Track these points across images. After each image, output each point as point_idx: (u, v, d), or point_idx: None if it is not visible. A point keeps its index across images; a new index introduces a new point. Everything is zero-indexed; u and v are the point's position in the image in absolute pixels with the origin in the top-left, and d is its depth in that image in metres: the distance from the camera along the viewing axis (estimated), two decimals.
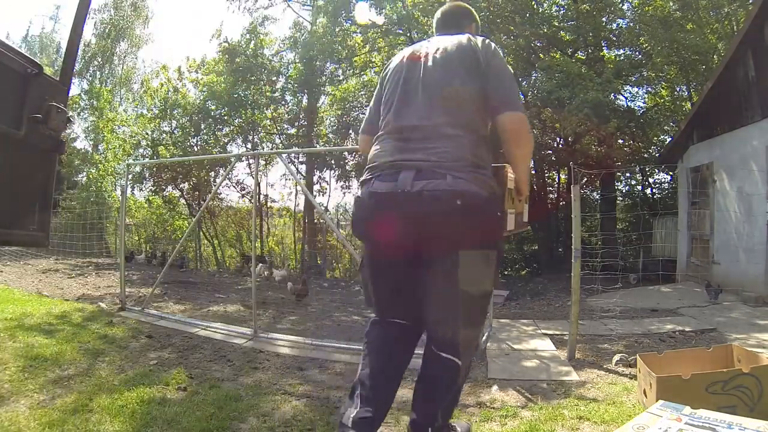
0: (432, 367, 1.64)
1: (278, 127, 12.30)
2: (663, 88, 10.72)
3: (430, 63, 1.65)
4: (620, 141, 10.13)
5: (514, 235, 6.99)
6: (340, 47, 11.05)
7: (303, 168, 12.44)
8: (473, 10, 1.96)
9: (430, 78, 1.62)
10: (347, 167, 11.91)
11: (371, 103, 1.86)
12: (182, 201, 11.98)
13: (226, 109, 11.35)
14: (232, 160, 9.57)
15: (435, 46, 1.71)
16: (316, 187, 12.11)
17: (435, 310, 1.62)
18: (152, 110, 12.13)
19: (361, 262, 1.87)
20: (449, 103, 1.58)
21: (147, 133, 11.95)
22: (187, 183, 11.36)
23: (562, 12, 9.95)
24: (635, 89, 10.63)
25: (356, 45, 11.28)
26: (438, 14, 1.96)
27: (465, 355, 1.64)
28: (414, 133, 1.58)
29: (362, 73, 11.72)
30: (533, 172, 10.82)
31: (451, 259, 1.51)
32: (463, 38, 1.69)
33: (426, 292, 1.60)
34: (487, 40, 1.69)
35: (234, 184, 11.62)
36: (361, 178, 1.68)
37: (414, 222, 1.50)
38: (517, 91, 1.73)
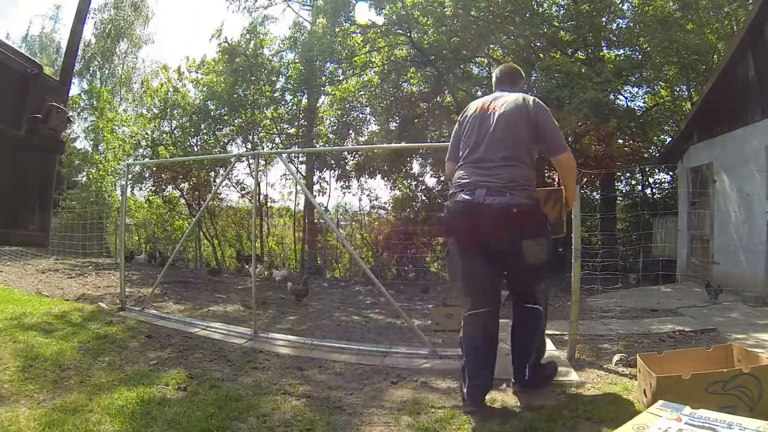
0: (521, 318, 2.47)
1: (278, 127, 12.28)
2: (663, 88, 10.70)
3: (496, 115, 2.38)
4: (620, 141, 10.12)
5: None
6: (339, 47, 11.04)
7: (303, 168, 12.43)
8: (521, 70, 2.76)
9: (497, 126, 2.36)
10: (347, 167, 11.90)
11: (452, 139, 2.62)
12: (182, 201, 11.97)
13: (226, 109, 11.34)
14: (232, 160, 9.57)
15: (500, 102, 2.42)
16: (316, 187, 12.09)
17: (515, 279, 2.49)
18: (152, 110, 12.12)
19: (446, 257, 2.67)
20: (508, 143, 2.32)
21: (147, 133, 11.95)
22: (187, 183, 11.35)
23: (562, 12, 9.94)
24: (635, 89, 10.61)
25: (356, 45, 11.27)
26: (497, 72, 2.75)
27: (541, 302, 2.48)
28: (485, 163, 2.34)
29: (362, 73, 11.71)
30: None
31: (519, 245, 2.28)
32: (519, 97, 2.40)
33: (509, 268, 2.42)
34: (536, 99, 2.43)
35: (234, 184, 11.63)
36: (450, 192, 2.47)
37: (487, 224, 2.26)
38: (562, 135, 2.45)
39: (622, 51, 10.08)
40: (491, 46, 10.00)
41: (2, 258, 8.40)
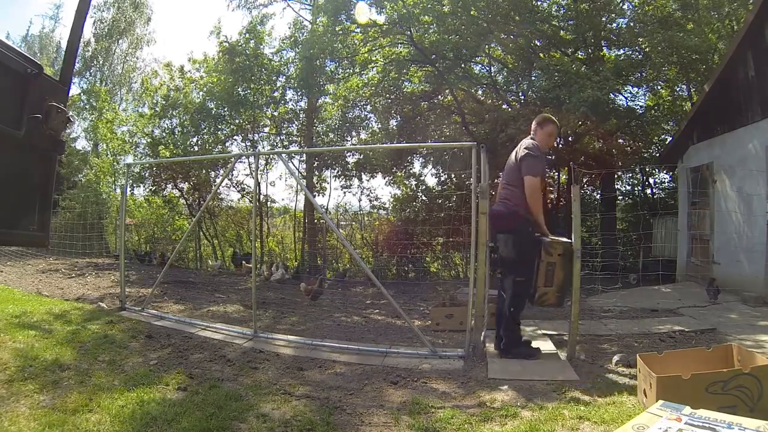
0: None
1: (278, 127, 12.28)
2: (663, 88, 10.68)
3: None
4: (620, 141, 10.10)
5: None
6: (340, 46, 11.02)
7: (303, 167, 12.42)
8: (543, 118, 3.63)
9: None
10: (347, 166, 11.89)
11: None
12: (182, 201, 11.97)
13: (227, 108, 11.33)
14: (232, 160, 9.56)
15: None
16: (316, 187, 12.09)
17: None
18: (153, 109, 12.11)
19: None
20: (505, 176, 3.59)
21: (147, 132, 11.94)
22: (186, 183, 11.34)
23: (562, 11, 9.92)
24: (635, 89, 10.59)
25: (357, 44, 11.24)
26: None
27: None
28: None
29: (363, 72, 11.69)
30: None
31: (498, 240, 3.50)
32: (522, 142, 3.51)
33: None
34: (527, 142, 3.47)
35: (234, 184, 11.62)
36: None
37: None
38: (535, 165, 3.37)
39: (622, 51, 10.06)
40: (491, 45, 9.98)
41: (2, 258, 8.41)
